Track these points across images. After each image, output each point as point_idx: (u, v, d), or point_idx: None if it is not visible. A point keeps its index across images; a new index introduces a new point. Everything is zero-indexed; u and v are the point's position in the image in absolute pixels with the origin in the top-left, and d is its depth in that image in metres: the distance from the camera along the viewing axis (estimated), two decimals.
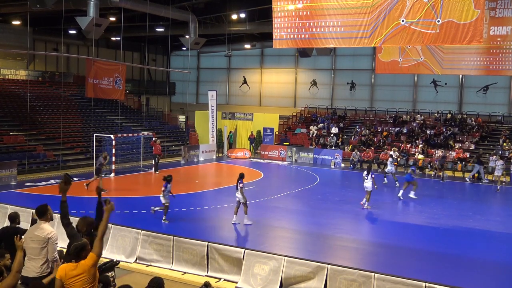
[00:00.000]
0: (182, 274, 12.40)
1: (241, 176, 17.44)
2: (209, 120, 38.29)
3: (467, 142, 34.71)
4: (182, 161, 33.94)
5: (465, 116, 38.17)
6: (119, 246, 13.36)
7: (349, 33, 15.47)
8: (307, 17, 15.97)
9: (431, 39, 14.52)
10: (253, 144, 40.23)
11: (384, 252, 15.10)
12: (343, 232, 17.23)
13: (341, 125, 40.08)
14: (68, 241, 7.85)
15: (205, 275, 12.21)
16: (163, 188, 17.20)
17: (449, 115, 38.46)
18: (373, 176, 20.71)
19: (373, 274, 10.64)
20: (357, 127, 39.44)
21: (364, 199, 20.71)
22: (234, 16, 36.08)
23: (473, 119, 37.58)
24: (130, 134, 31.23)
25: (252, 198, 21.73)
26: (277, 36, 16.68)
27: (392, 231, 17.77)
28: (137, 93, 46.59)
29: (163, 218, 17.21)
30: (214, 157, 36.97)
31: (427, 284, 10.10)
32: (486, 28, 19.06)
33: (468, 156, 32.90)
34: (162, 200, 17.30)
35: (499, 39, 20.66)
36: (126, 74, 32.91)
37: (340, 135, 38.26)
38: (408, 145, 35.30)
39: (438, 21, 13.98)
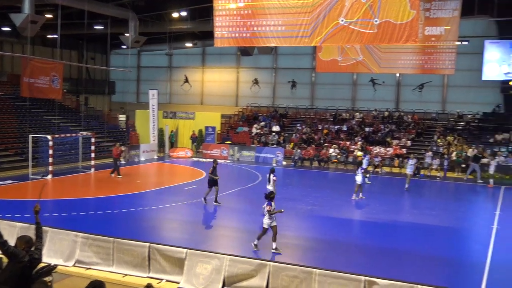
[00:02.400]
0: (123, 276, 12.17)
1: (273, 170, 19.54)
2: (150, 120, 37.80)
3: (404, 139, 35.73)
4: (123, 161, 33.25)
5: (402, 113, 39.32)
6: (57, 250, 12.94)
7: (289, 32, 15.60)
8: (248, 16, 15.99)
9: (369, 39, 14.83)
10: (195, 143, 40.01)
11: (325, 248, 15.32)
12: (285, 229, 17.34)
13: (283, 123, 40.44)
14: None
15: (147, 277, 12.03)
16: (268, 208, 14.41)
17: (386, 113, 39.51)
18: (362, 171, 22.95)
19: (314, 270, 10.77)
20: (298, 125, 39.91)
21: (359, 192, 22.76)
22: (175, 15, 35.74)
23: (409, 116, 38.76)
24: (68, 135, 30.37)
25: (194, 198, 21.63)
26: (218, 34, 16.64)
27: (332, 227, 18.05)
28: (75, 92, 45.40)
29: (255, 242, 14.68)
30: (156, 157, 36.52)
31: (366, 278, 10.33)
32: (421, 28, 19.65)
33: (405, 152, 33.88)
34: (266, 221, 14.48)
35: (433, 39, 21.36)
36: (64, 73, 32.03)
37: (282, 133, 38.60)
38: (348, 143, 35.99)
39: (376, 21, 14.30)
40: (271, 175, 19.27)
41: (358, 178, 22.63)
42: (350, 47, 23.47)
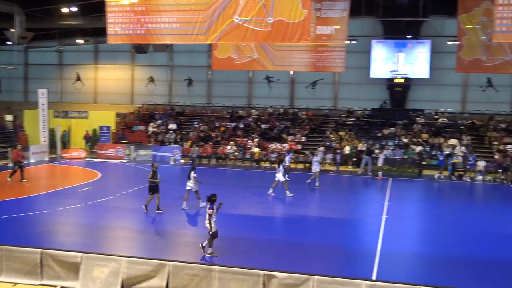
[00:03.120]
0: (13, 286, 11.57)
1: (194, 168, 19.68)
2: (40, 119, 36.06)
3: (298, 135, 36.73)
4: (11, 164, 31.52)
5: (296, 110, 40.45)
6: None
7: (185, 30, 15.58)
8: (142, 13, 15.79)
9: (264, 37, 15.16)
10: (89, 143, 38.70)
11: (224, 244, 15.38)
12: (184, 228, 17.33)
13: (179, 121, 40.16)
14: None
15: (39, 284, 11.53)
16: (210, 211, 13.58)
17: (281, 110, 40.44)
18: (284, 168, 23.27)
19: (213, 267, 10.86)
20: (196, 123, 39.82)
21: (271, 189, 22.87)
22: (65, 10, 34.23)
23: (303, 113, 39.93)
24: None
25: (89, 199, 20.97)
26: (111, 31, 16.31)
27: (230, 223, 18.17)
28: None
29: (209, 251, 13.89)
30: (47, 158, 34.90)
31: (265, 272, 10.56)
32: (313, 28, 20.30)
33: (300, 148, 34.84)
34: (212, 226, 13.64)
35: (324, 38, 22.21)
36: None
37: (179, 132, 38.32)
38: (245, 139, 36.41)
39: (270, 20, 14.64)
40: (192, 172, 19.37)
41: (279, 175, 22.76)
42: (245, 45, 23.84)
